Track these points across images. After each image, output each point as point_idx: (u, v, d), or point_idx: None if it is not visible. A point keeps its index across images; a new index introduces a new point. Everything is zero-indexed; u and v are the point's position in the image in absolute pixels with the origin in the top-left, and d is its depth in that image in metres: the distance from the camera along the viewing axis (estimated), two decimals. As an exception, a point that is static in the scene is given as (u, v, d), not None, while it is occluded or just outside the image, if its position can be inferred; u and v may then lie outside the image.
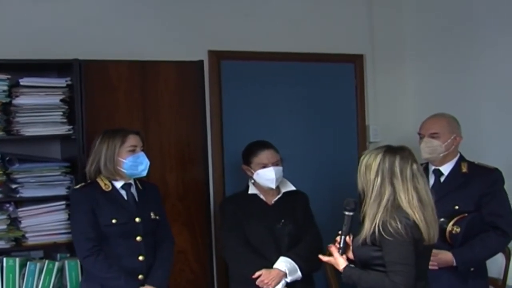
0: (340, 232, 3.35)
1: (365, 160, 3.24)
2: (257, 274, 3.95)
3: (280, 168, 4.14)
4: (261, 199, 4.18)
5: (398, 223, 3.07)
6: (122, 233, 3.67)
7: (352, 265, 3.28)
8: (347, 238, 3.33)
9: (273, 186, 4.12)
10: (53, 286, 3.92)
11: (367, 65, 5.27)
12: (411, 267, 3.08)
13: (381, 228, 3.09)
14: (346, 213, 3.35)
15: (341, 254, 3.32)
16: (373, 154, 3.24)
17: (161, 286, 3.74)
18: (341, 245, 3.33)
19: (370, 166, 3.21)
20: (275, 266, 3.99)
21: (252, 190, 4.20)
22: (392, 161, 3.17)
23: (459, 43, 4.92)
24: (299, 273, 4.00)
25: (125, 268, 3.64)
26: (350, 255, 3.33)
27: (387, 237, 3.07)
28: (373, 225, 3.12)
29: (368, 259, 3.18)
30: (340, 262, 3.28)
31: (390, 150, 3.23)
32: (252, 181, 4.19)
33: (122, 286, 3.61)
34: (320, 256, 3.45)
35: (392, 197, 3.14)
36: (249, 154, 4.20)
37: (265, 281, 3.94)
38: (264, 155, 4.13)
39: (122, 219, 3.68)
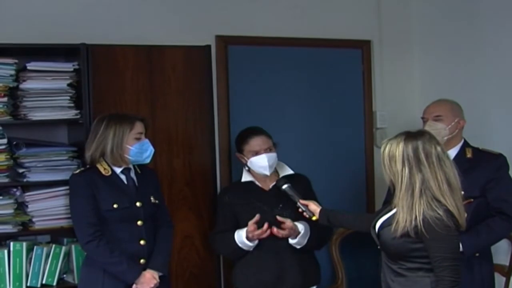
0: (297, 204, 3.79)
1: (386, 150, 3.12)
2: (253, 220, 3.85)
3: (273, 155, 4.03)
4: (257, 186, 4.09)
5: (441, 214, 2.98)
6: (123, 217, 3.66)
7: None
8: (301, 201, 3.78)
9: (267, 173, 4.02)
10: (60, 270, 3.94)
11: (374, 51, 5.23)
12: (459, 261, 3.01)
13: (425, 221, 2.98)
14: (284, 187, 3.85)
15: (310, 216, 3.75)
16: (393, 143, 3.11)
17: (163, 270, 3.76)
18: (304, 209, 3.76)
19: (394, 156, 3.08)
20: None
21: (246, 177, 4.12)
22: (415, 147, 3.05)
23: (466, 29, 4.89)
24: (305, 241, 3.92)
25: (127, 253, 3.63)
26: (313, 206, 3.73)
27: (438, 231, 2.97)
28: (414, 217, 3.01)
29: (407, 251, 3.08)
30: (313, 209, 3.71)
31: (411, 136, 3.10)
32: (247, 168, 4.10)
33: (125, 271, 3.61)
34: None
35: (424, 185, 3.03)
36: (240, 141, 4.11)
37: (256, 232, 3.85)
38: (255, 142, 4.03)
39: (124, 204, 3.67)
